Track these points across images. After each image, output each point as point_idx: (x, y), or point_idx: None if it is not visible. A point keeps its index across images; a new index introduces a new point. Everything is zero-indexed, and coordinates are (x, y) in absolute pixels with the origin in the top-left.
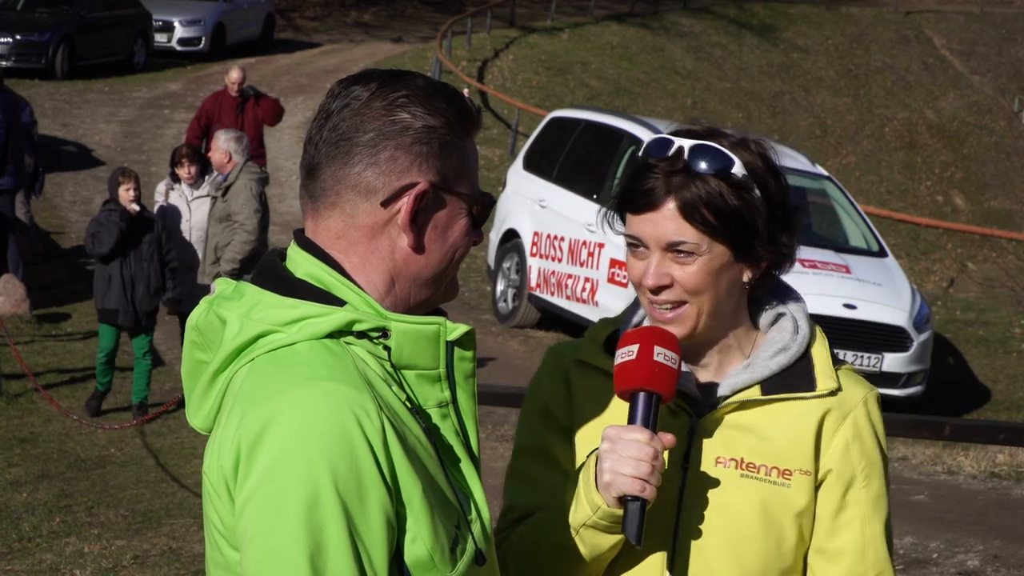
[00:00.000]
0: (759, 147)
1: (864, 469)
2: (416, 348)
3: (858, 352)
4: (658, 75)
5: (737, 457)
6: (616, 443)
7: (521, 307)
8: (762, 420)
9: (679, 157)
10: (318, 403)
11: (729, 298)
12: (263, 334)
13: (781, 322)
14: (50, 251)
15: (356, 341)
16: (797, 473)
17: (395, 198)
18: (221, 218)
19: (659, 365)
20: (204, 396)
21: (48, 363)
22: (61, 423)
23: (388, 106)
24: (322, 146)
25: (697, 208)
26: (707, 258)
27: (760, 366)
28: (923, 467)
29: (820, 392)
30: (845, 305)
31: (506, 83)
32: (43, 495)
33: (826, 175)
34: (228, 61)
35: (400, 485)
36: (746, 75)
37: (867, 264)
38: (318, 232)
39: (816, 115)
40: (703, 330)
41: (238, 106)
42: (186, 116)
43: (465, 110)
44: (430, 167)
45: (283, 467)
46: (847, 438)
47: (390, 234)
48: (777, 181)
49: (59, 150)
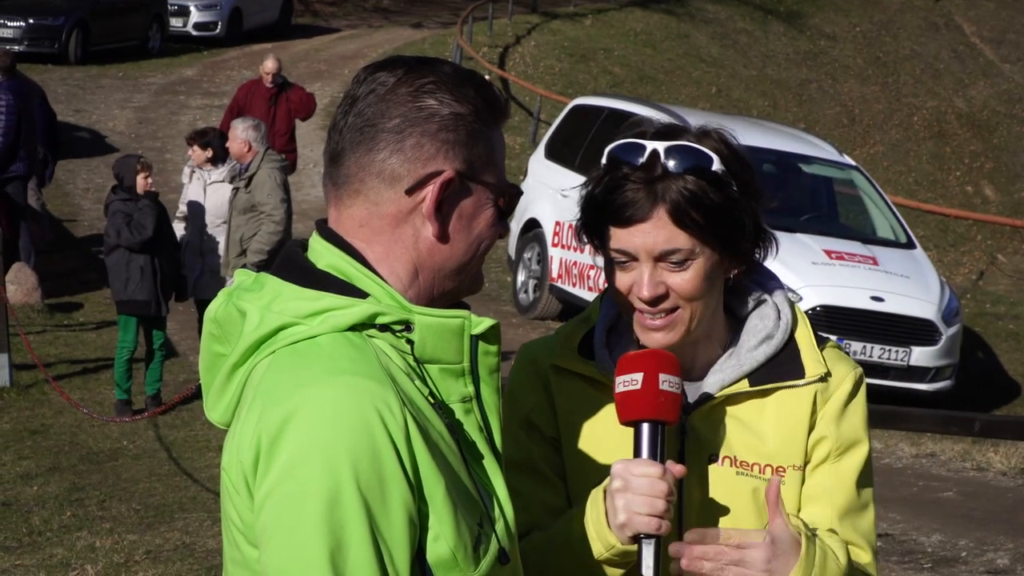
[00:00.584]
0: (720, 135)
1: (839, 447)
2: (440, 342)
3: (886, 346)
4: (682, 62)
5: (731, 455)
6: (628, 480)
7: (542, 298)
8: (753, 413)
9: (655, 161)
10: (340, 398)
11: (718, 296)
12: (284, 326)
13: (762, 309)
14: (62, 239)
15: (379, 334)
16: (791, 469)
17: (420, 186)
18: (245, 209)
19: (665, 394)
20: (223, 390)
21: (60, 354)
22: (73, 415)
23: (415, 92)
24: (346, 132)
25: (687, 212)
26: (700, 262)
27: (746, 357)
28: (952, 464)
29: (810, 378)
30: (872, 298)
31: (528, 70)
32: (54, 488)
33: (853, 165)
34: (245, 47)
35: (423, 482)
36: (772, 63)
37: (895, 256)
38: (341, 220)
39: (843, 104)
40: (694, 333)
41: (271, 97)
42: (201, 102)
43: (493, 99)
44: (456, 155)
45: (304, 463)
46: (826, 419)
47: (414, 223)
48: (745, 167)
49: (72, 136)
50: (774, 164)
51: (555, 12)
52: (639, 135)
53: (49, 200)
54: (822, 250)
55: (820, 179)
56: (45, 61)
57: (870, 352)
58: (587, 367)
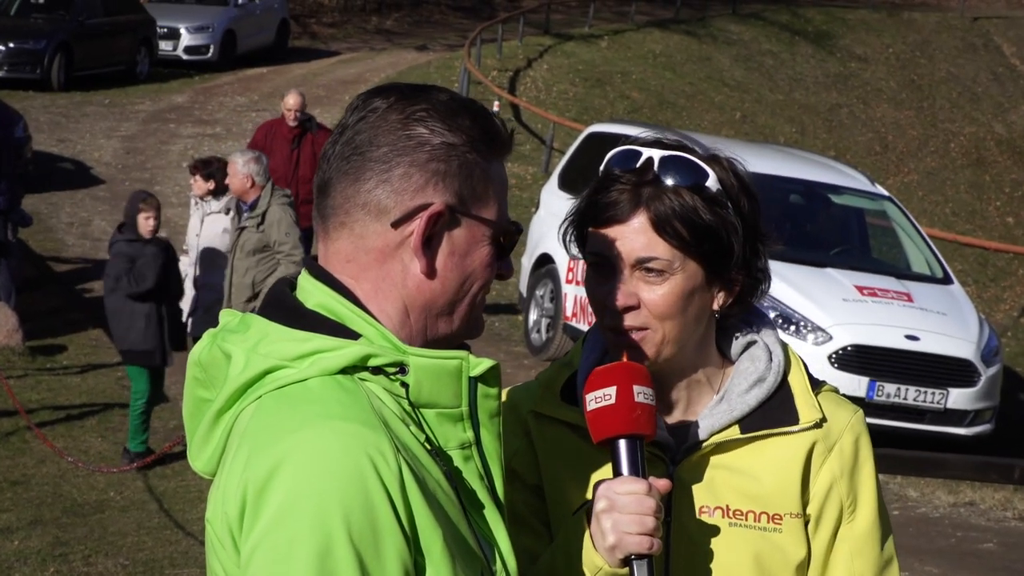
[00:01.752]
0: (731, 164)
1: (851, 503)
2: (436, 385)
3: (921, 387)
4: (704, 86)
5: (723, 504)
6: (614, 500)
7: (556, 338)
8: (745, 460)
9: (648, 169)
10: (331, 444)
11: (696, 326)
12: (271, 370)
13: (753, 351)
14: (44, 277)
15: (371, 377)
16: (788, 517)
17: (407, 219)
18: (255, 249)
19: (641, 406)
20: (207, 437)
21: (42, 399)
22: (56, 464)
23: (405, 120)
24: (334, 161)
25: (669, 221)
26: (679, 278)
27: (736, 401)
28: (992, 513)
29: (805, 424)
30: (907, 336)
31: (540, 95)
32: (36, 543)
33: (886, 195)
34: (239, 71)
35: (419, 533)
36: (800, 86)
37: (931, 292)
38: (328, 256)
39: (876, 130)
40: (664, 361)
41: (295, 139)
42: (193, 131)
43: (492, 129)
44: (447, 187)
45: (293, 513)
46: (833, 473)
47: (402, 259)
48: (751, 200)
49: (55, 167)
50: (802, 195)
51: (569, 33)
52: (643, 143)
53: (30, 235)
54: (853, 286)
55: (851, 210)
56: (27, 87)
57: (904, 394)
58: (569, 413)
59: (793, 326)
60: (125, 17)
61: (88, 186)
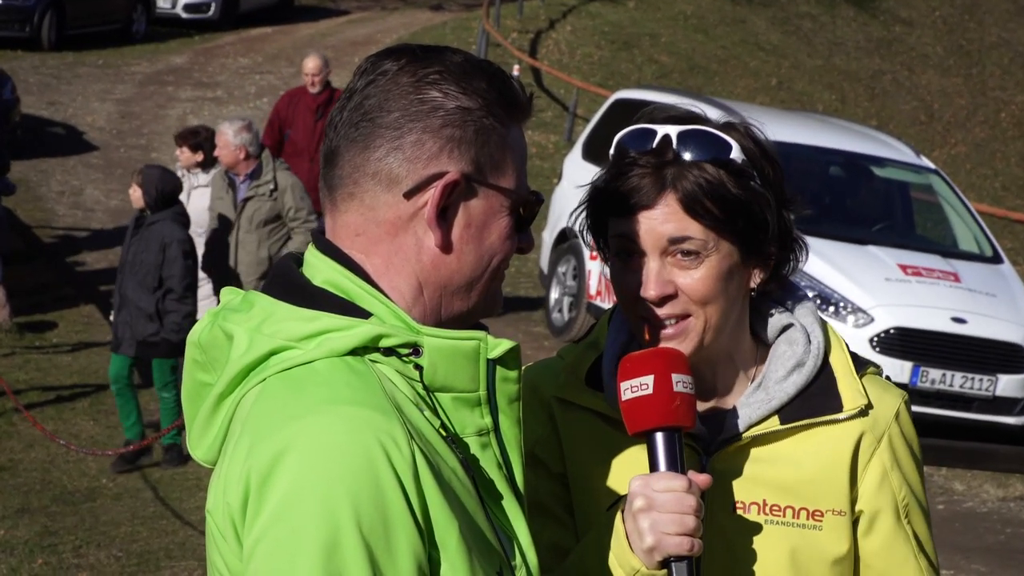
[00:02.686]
0: (748, 130)
1: (905, 498)
2: (452, 367)
3: (968, 373)
4: (738, 50)
5: (759, 500)
6: (651, 498)
7: (579, 318)
8: (785, 452)
9: (667, 147)
10: (339, 430)
11: (734, 308)
12: (276, 351)
13: (790, 333)
14: (33, 249)
15: (383, 359)
16: (830, 514)
17: (420, 189)
18: (268, 219)
19: (681, 396)
20: (208, 423)
21: (31, 379)
22: (45, 449)
23: (417, 83)
24: (342, 128)
25: (699, 200)
26: (715, 259)
27: (775, 390)
28: None
29: (849, 412)
30: (954, 319)
31: (563, 59)
32: (23, 532)
33: (932, 168)
34: (241, 31)
35: (433, 525)
36: (840, 51)
37: (979, 271)
38: (336, 229)
39: (921, 98)
40: (707, 348)
41: (318, 108)
42: (192, 94)
43: (510, 92)
44: (463, 155)
45: (298, 504)
46: (884, 466)
47: (415, 231)
48: (774, 166)
49: (45, 132)
50: (842, 167)
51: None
52: (651, 120)
53: (18, 204)
54: (896, 265)
55: (894, 184)
56: (15, 47)
57: (951, 381)
58: (596, 401)
59: (832, 307)
60: None
61: (80, 152)
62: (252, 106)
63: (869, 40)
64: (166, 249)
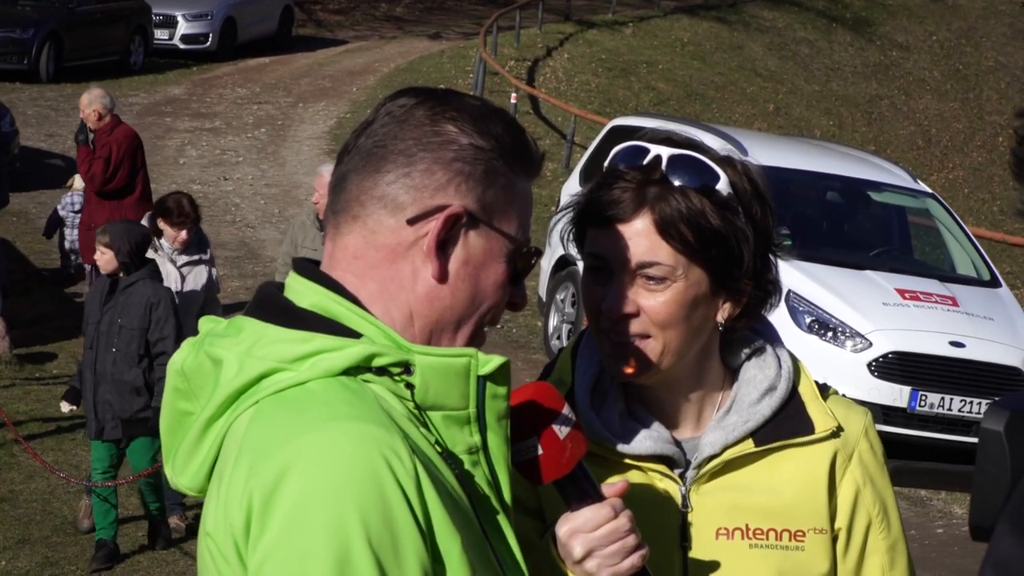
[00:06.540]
0: (745, 168)
1: (879, 512)
2: (443, 385)
3: (967, 397)
4: (735, 77)
5: (742, 525)
6: (587, 542)
7: None
8: (762, 475)
9: (655, 167)
10: (343, 444)
11: (698, 336)
12: (267, 373)
13: (761, 359)
14: (32, 280)
15: (375, 378)
16: (811, 533)
17: (424, 217)
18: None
19: (568, 438)
20: (194, 449)
21: (31, 410)
22: (45, 480)
23: (434, 116)
24: (355, 155)
25: (675, 224)
26: (682, 285)
27: (749, 412)
28: None
29: (821, 433)
30: (952, 343)
31: (560, 86)
32: (24, 563)
33: (929, 192)
34: (239, 61)
35: (436, 539)
36: (838, 76)
37: (977, 295)
38: (335, 253)
39: (918, 122)
40: (663, 372)
41: None
42: (190, 125)
43: (524, 144)
44: (470, 190)
45: (306, 520)
46: (857, 482)
47: (413, 260)
48: (763, 208)
49: (44, 164)
50: (840, 192)
51: (591, 20)
52: (650, 140)
53: (18, 235)
54: (894, 289)
55: (892, 208)
56: (13, 79)
57: (949, 404)
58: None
59: (830, 332)
60: (118, 4)
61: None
62: (250, 136)
63: (866, 65)
64: (152, 311)
